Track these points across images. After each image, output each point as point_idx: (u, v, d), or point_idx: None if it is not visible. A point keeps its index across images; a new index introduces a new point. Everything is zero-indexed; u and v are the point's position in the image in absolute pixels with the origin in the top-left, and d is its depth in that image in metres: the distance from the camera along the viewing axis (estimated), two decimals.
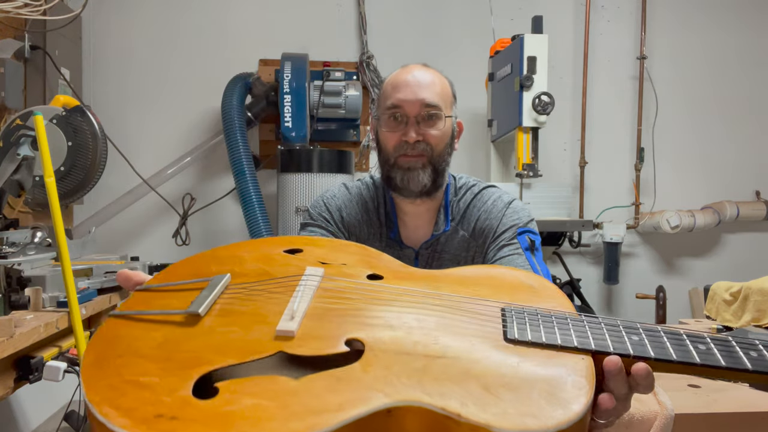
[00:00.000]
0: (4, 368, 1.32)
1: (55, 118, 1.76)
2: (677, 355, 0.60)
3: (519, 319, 0.66)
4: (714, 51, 3.28)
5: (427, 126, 1.13)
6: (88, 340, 0.64)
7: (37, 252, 1.64)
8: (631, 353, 0.61)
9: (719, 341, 0.62)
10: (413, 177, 1.14)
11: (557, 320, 0.66)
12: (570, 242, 3.08)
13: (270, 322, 0.65)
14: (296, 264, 0.81)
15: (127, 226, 2.97)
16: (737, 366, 0.59)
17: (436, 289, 0.75)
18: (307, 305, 0.69)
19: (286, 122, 2.62)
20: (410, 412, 0.53)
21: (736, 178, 3.30)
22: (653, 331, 0.64)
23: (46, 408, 2.53)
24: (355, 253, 0.87)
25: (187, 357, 0.59)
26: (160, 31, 3.00)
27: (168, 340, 0.62)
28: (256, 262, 0.81)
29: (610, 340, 0.63)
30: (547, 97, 2.50)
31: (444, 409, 0.53)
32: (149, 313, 0.68)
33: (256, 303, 0.70)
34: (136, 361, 0.59)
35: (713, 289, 1.95)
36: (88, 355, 0.60)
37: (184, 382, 0.55)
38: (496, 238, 1.17)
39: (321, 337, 0.63)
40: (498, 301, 0.72)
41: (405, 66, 1.19)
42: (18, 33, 2.28)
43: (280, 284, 0.75)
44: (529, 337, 0.63)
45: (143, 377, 0.56)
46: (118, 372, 0.57)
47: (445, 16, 3.14)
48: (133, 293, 0.74)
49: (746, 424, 1.25)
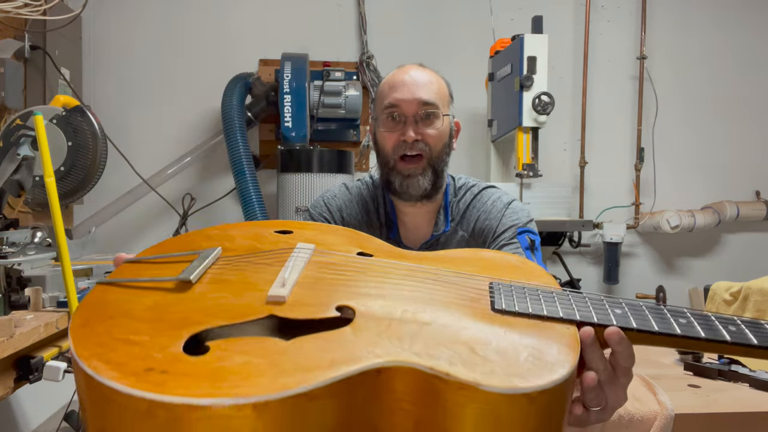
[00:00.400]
0: (4, 368, 1.32)
1: (55, 118, 1.76)
2: (658, 327, 0.62)
3: (506, 292, 0.68)
4: (714, 51, 3.28)
5: (425, 125, 1.13)
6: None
7: (37, 252, 1.64)
8: (614, 323, 0.63)
9: (699, 316, 0.64)
10: (413, 183, 1.13)
11: (543, 294, 0.68)
12: (570, 242, 3.08)
13: (261, 289, 0.66)
14: (286, 240, 0.82)
15: (127, 226, 2.97)
16: (716, 338, 0.60)
17: (426, 266, 0.77)
18: (298, 275, 0.70)
19: (286, 122, 2.62)
20: (399, 372, 0.54)
21: (736, 178, 3.30)
22: (636, 306, 0.66)
23: (46, 408, 2.53)
24: (344, 235, 0.88)
25: (177, 317, 0.59)
26: (160, 31, 3.00)
27: (158, 304, 0.62)
28: (247, 239, 0.82)
29: (594, 312, 0.65)
30: (547, 97, 2.50)
31: (432, 368, 0.53)
32: (139, 281, 0.68)
33: (247, 272, 0.71)
34: (126, 321, 0.59)
35: (713, 289, 1.95)
36: (77, 317, 0.60)
37: (174, 340, 0.55)
38: (495, 238, 1.17)
39: (312, 303, 0.64)
40: (486, 277, 0.74)
41: (401, 66, 1.19)
42: (18, 33, 2.28)
43: (270, 257, 0.76)
44: (516, 308, 0.64)
45: (133, 336, 0.56)
46: (108, 331, 0.57)
47: (445, 16, 3.14)
48: (122, 265, 0.74)
49: (746, 424, 1.25)
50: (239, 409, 0.47)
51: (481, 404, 0.52)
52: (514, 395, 0.52)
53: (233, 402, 0.47)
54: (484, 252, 0.87)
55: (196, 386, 0.48)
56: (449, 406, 0.53)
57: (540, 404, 0.53)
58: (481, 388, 0.52)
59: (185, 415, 0.46)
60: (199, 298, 0.64)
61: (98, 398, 0.50)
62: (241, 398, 0.47)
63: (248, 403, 0.47)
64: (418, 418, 0.54)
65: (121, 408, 0.48)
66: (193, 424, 0.46)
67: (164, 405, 0.47)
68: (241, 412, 0.47)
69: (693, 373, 1.53)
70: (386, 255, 0.81)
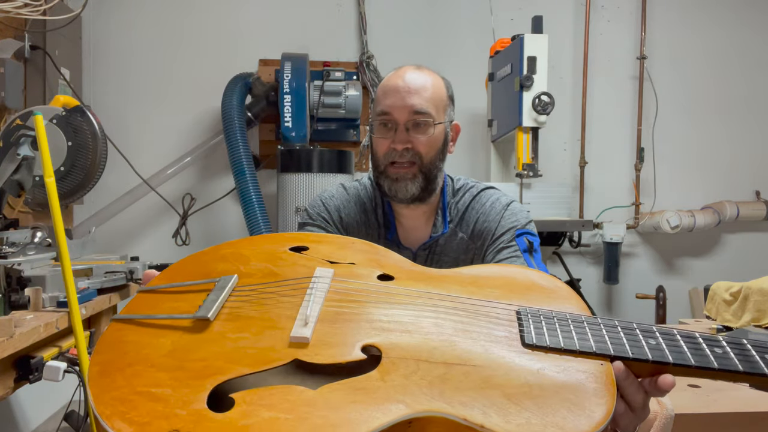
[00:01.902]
0: (4, 368, 1.32)
1: (55, 118, 1.76)
2: (695, 360, 0.59)
3: (535, 322, 0.65)
4: (714, 51, 3.28)
5: (416, 132, 1.12)
6: (89, 341, 0.63)
7: (37, 252, 1.64)
8: (650, 358, 0.60)
9: (734, 345, 0.61)
10: (401, 187, 1.13)
11: (574, 324, 0.65)
12: (570, 242, 3.08)
13: (282, 327, 0.64)
14: (304, 264, 0.79)
15: (127, 226, 2.97)
16: (755, 371, 0.58)
17: (449, 291, 0.74)
18: (319, 309, 0.68)
19: (286, 122, 2.62)
20: (431, 422, 0.52)
21: (736, 178, 3.30)
22: (669, 335, 0.63)
23: (46, 408, 2.53)
24: (362, 251, 0.85)
25: (199, 366, 0.57)
26: (160, 31, 3.00)
27: (177, 348, 0.60)
28: (262, 261, 0.79)
29: (628, 344, 0.62)
30: (547, 97, 2.50)
31: (466, 419, 0.52)
32: (156, 318, 0.65)
33: (266, 307, 0.68)
34: (147, 370, 0.56)
35: (713, 289, 1.95)
36: (94, 364, 0.58)
37: (197, 394, 0.53)
38: (494, 241, 1.17)
39: (336, 343, 0.62)
40: (512, 303, 0.71)
41: (398, 69, 1.17)
42: (18, 33, 2.28)
43: (289, 287, 0.73)
44: (548, 342, 0.62)
45: (155, 388, 0.54)
46: (128, 382, 0.55)
47: (445, 16, 3.14)
48: (137, 294, 0.72)
49: (746, 424, 1.25)
50: None
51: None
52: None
53: None
54: (507, 269, 0.84)
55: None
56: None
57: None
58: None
59: None
60: (219, 339, 0.62)
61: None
62: None
63: None
64: None
65: None
66: None
67: None
68: None
69: None
70: (407, 276, 0.78)
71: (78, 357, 1.42)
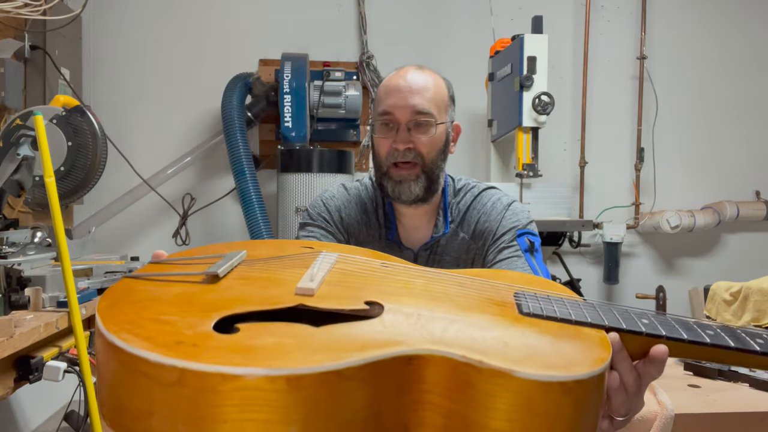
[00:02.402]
0: (4, 368, 1.32)
1: (55, 118, 1.76)
2: (687, 335, 0.61)
3: (532, 299, 0.68)
4: (714, 51, 3.28)
5: (418, 132, 1.12)
6: (89, 341, 0.63)
7: (37, 252, 1.64)
8: (642, 330, 0.62)
9: (726, 328, 0.64)
10: (404, 189, 1.13)
11: (569, 302, 0.68)
12: (570, 242, 3.08)
13: (289, 284, 0.66)
14: (309, 252, 0.83)
15: (127, 226, 2.97)
16: (745, 347, 0.60)
17: (449, 274, 0.78)
18: (325, 273, 0.70)
19: (286, 122, 2.62)
20: (431, 360, 0.53)
21: (736, 178, 3.30)
22: (662, 316, 0.66)
23: (46, 408, 2.53)
24: (366, 252, 0.88)
25: (207, 302, 0.59)
26: (160, 31, 3.00)
27: (186, 292, 0.62)
28: (271, 249, 0.83)
29: (621, 319, 0.64)
30: (547, 97, 2.50)
31: (465, 356, 0.52)
32: (166, 275, 0.67)
33: (274, 271, 0.71)
34: (155, 304, 0.58)
35: (713, 289, 1.95)
36: (103, 299, 0.59)
37: (204, 320, 0.54)
38: (495, 241, 1.17)
39: (340, 296, 0.64)
40: (509, 285, 0.74)
41: (399, 69, 1.17)
42: (18, 33, 2.28)
43: (296, 259, 0.77)
44: (544, 312, 0.63)
45: (162, 316, 0.55)
46: (136, 312, 0.56)
47: (445, 16, 3.14)
48: (147, 264, 0.73)
49: (746, 424, 1.25)
50: (272, 381, 0.45)
51: (513, 393, 0.51)
52: (550, 383, 0.51)
53: (266, 373, 0.45)
54: (502, 271, 0.87)
55: (228, 358, 0.47)
56: (480, 397, 0.52)
57: (575, 396, 0.52)
58: (515, 375, 0.51)
59: (216, 385, 0.45)
60: (227, 289, 0.64)
61: (125, 372, 0.49)
62: (275, 369, 0.46)
63: (282, 375, 0.46)
64: (447, 412, 0.53)
65: (149, 380, 0.47)
66: (224, 396, 0.45)
67: (195, 374, 0.46)
68: (273, 384, 0.46)
69: (693, 373, 1.53)
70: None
71: (78, 357, 1.42)
